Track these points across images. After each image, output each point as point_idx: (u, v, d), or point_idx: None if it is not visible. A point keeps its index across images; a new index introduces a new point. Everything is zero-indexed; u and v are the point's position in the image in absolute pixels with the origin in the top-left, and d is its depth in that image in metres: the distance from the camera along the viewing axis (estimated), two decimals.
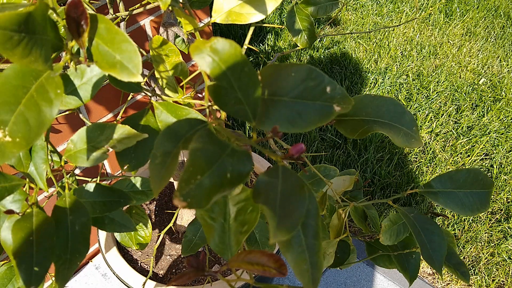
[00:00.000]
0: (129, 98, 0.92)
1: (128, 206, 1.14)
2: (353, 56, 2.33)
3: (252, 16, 0.65)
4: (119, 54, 0.40)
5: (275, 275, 0.43)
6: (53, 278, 0.85)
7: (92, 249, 1.49)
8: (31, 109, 0.36)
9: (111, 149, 0.58)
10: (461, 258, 1.56)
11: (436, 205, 1.70)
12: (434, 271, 1.52)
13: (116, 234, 0.97)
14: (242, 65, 0.43)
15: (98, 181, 0.68)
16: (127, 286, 1.11)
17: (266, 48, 2.37)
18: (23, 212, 0.53)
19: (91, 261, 1.50)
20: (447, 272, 1.47)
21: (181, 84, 0.70)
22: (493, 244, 1.59)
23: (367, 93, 2.12)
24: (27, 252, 0.48)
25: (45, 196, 1.23)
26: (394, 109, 0.59)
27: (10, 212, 0.53)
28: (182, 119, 0.44)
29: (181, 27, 0.95)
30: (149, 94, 0.68)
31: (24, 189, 0.63)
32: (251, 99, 0.43)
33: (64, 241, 0.53)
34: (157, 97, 0.73)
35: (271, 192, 0.37)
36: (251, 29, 0.78)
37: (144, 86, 0.71)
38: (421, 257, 0.67)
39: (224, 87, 0.42)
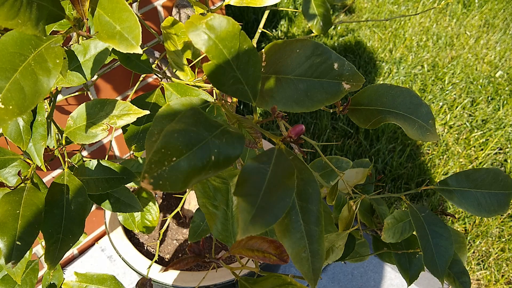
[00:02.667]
0: (140, 79, 0.91)
1: (136, 189, 1.13)
2: (368, 45, 2.29)
3: None
4: (119, 24, 0.38)
5: (276, 262, 0.41)
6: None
7: (98, 231, 1.49)
8: (28, 77, 0.34)
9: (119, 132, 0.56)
10: (471, 252, 1.54)
11: (451, 204, 1.68)
12: None
13: (120, 217, 0.96)
14: (241, 43, 0.40)
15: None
16: (133, 269, 1.11)
17: (279, 34, 2.34)
18: (15, 186, 0.52)
19: (97, 243, 1.50)
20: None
21: (191, 65, 0.69)
22: (504, 239, 1.57)
23: (381, 83, 2.09)
24: (11, 225, 0.46)
25: (53, 177, 1.22)
26: (410, 100, 0.57)
27: None
28: (184, 98, 0.42)
29: (194, 9, 0.93)
30: (160, 76, 0.67)
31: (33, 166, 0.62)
32: (251, 78, 0.41)
33: (58, 220, 0.52)
34: (168, 80, 0.72)
35: (258, 179, 0.35)
36: (266, 13, 0.76)
37: (155, 69, 0.70)
38: (423, 262, 0.65)
39: (221, 66, 0.40)
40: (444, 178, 0.66)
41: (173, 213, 0.92)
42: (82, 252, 1.48)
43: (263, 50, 0.44)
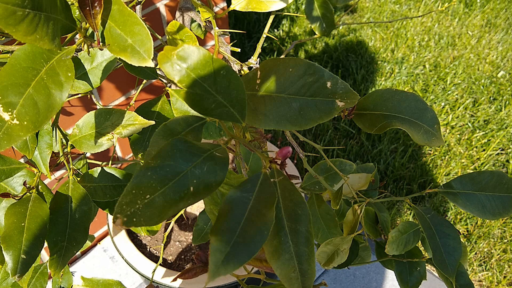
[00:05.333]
0: (144, 82, 0.91)
1: None
2: (370, 44, 2.29)
3: (273, 4, 0.63)
4: (131, 37, 0.38)
5: None
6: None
7: (101, 231, 1.49)
8: (41, 92, 0.34)
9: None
10: (473, 253, 1.54)
11: (453, 205, 1.68)
12: None
13: None
14: (216, 69, 0.40)
15: (109, 165, 0.67)
16: (136, 271, 1.11)
17: (281, 34, 2.34)
18: (21, 196, 0.52)
19: (100, 244, 1.50)
20: None
21: None
22: (506, 240, 1.57)
23: (383, 83, 2.09)
24: (17, 239, 0.47)
25: (55, 178, 1.22)
26: (415, 105, 0.57)
27: (5, 195, 0.52)
28: (179, 116, 0.42)
29: (198, 12, 0.93)
30: (165, 81, 0.67)
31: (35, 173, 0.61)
32: (236, 101, 0.41)
33: (62, 228, 0.52)
34: (173, 84, 0.72)
35: (238, 211, 0.35)
36: (271, 18, 0.76)
37: (159, 72, 0.70)
38: (433, 262, 0.65)
39: (198, 93, 0.40)
40: (448, 180, 0.66)
41: (176, 216, 0.92)
42: (84, 252, 1.48)
43: (257, 66, 0.44)
